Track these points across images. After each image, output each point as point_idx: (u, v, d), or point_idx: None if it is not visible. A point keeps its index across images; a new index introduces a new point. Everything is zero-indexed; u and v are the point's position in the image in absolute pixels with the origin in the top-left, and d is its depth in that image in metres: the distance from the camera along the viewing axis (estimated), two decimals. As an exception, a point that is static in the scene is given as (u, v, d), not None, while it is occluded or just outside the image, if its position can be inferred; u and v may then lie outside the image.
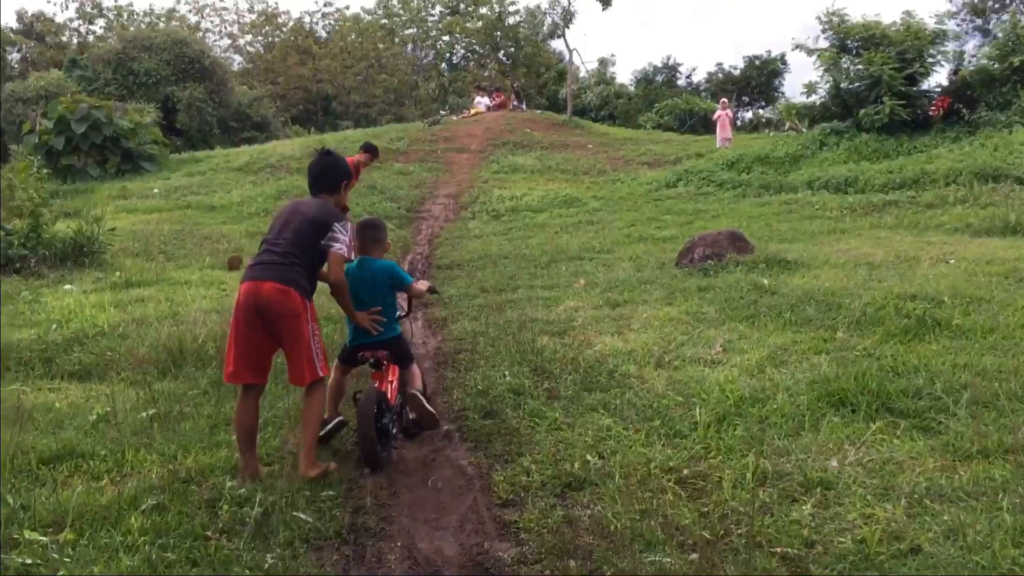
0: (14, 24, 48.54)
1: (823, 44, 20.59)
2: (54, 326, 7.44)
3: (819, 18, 20.19)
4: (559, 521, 3.76)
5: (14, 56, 47.08)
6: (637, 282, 9.04)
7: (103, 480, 4.27)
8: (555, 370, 5.98)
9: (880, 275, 8.43)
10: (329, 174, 4.78)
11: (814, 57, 20.52)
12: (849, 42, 20.24)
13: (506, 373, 5.91)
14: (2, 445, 4.43)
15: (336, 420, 4.90)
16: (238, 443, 4.44)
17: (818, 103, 20.88)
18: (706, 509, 3.77)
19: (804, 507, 3.70)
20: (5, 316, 8.06)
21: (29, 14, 48.88)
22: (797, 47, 20.55)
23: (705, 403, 5.03)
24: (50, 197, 19.80)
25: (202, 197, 18.07)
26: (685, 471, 4.15)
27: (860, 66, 19.51)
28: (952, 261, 8.96)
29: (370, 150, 11.75)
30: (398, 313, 5.16)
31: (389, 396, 4.89)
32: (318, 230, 4.45)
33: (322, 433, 4.71)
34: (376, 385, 4.90)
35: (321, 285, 4.70)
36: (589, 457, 4.41)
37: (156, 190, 19.39)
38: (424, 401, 4.87)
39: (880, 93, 18.53)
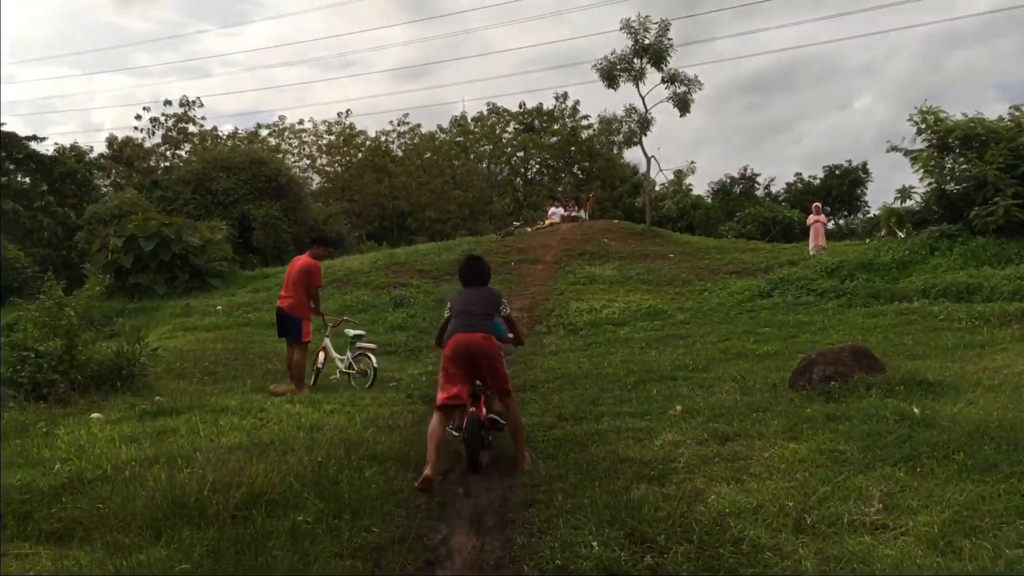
0: (104, 150, 50.53)
1: (919, 145, 19.14)
2: (56, 466, 6.28)
3: (912, 118, 18.79)
4: None
5: (103, 181, 48.80)
6: (746, 408, 7.51)
7: None
8: (658, 536, 4.50)
9: (1057, 401, 6.75)
10: (487, 272, 7.25)
11: (909, 160, 19.05)
12: (950, 140, 18.76)
13: (593, 543, 4.43)
14: None
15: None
16: (431, 450, 6.03)
17: (920, 206, 19.29)
18: None
19: None
20: (9, 453, 6.96)
21: (119, 139, 50.86)
22: (893, 149, 19.09)
23: (887, 601, 3.47)
24: (115, 316, 19.47)
25: (263, 314, 17.21)
26: None
27: (965, 165, 17.98)
28: None
29: (324, 242, 11.28)
30: None
31: (483, 419, 6.70)
32: (497, 305, 6.95)
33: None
34: (473, 411, 6.59)
35: None
36: None
37: (219, 307, 18.73)
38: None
39: (989, 194, 16.91)
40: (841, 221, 51.07)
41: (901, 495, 4.86)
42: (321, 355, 11.26)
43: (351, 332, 11.51)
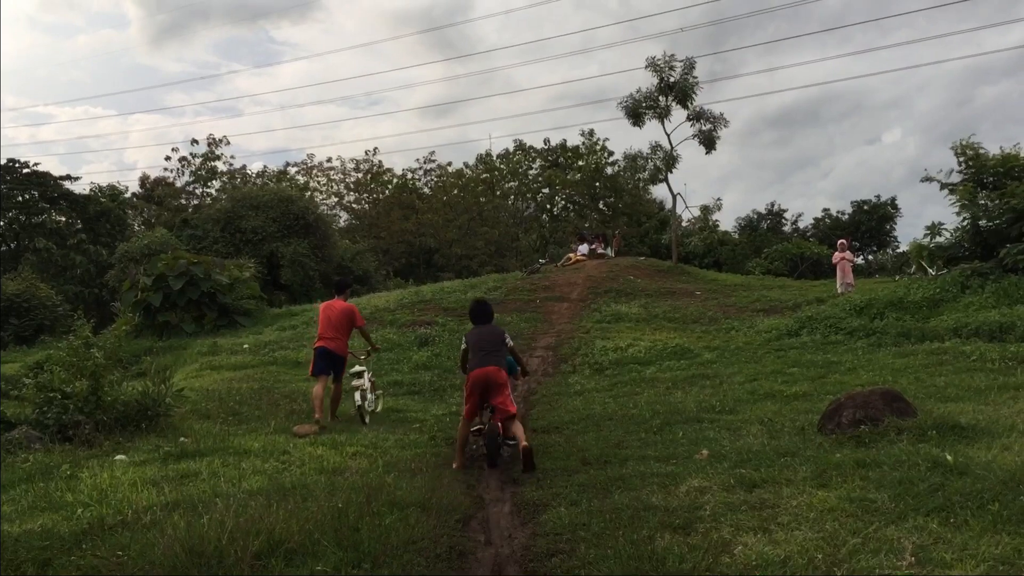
0: (138, 189, 51.41)
1: (955, 179, 19.01)
2: (78, 511, 6.28)
3: (954, 149, 18.64)
4: None
5: (136, 220, 49.61)
6: (774, 453, 7.36)
7: None
8: (684, 590, 4.38)
9: (1095, 447, 6.55)
10: (490, 311, 9.30)
11: (943, 195, 18.90)
12: (985, 177, 18.57)
13: (616, 597, 4.34)
14: None
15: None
16: (460, 446, 8.62)
17: (952, 242, 19.06)
18: None
19: None
20: (33, 497, 6.97)
21: (152, 178, 51.70)
22: (928, 179, 18.97)
23: (921, 665, 3.34)
24: (143, 354, 19.62)
25: (289, 352, 17.28)
26: None
27: (999, 201, 17.75)
28: None
29: (349, 285, 12.99)
30: None
31: (501, 430, 8.57)
32: (503, 339, 8.88)
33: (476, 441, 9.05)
34: (493, 423, 8.60)
35: None
36: None
37: (246, 345, 18.82)
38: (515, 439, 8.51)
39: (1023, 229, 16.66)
40: (870, 256, 50.67)
41: (934, 548, 4.71)
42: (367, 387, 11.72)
43: (355, 368, 11.87)
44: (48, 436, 9.32)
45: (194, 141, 51.90)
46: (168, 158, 52.03)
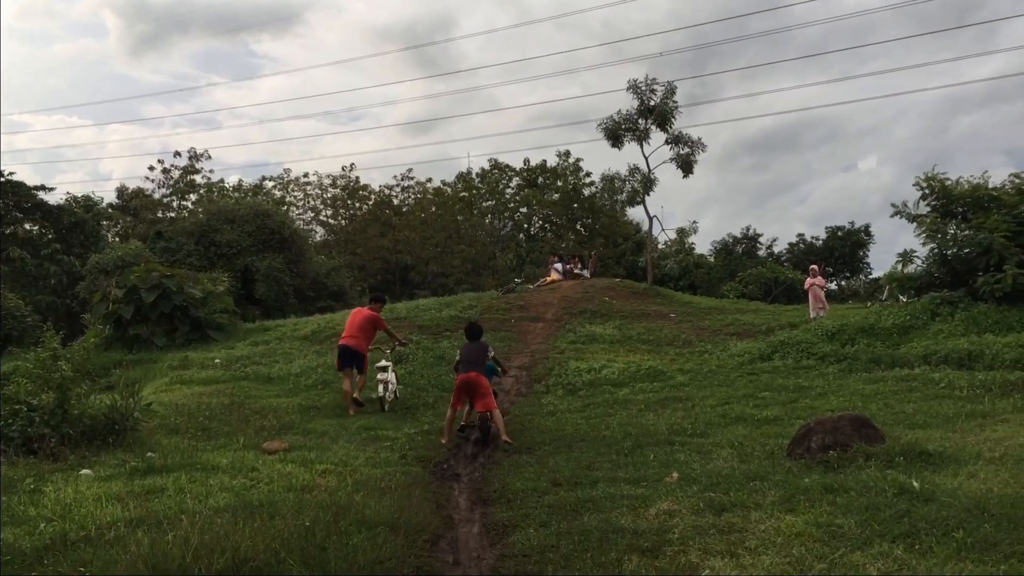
0: (114, 200, 50.97)
1: (923, 210, 19.25)
2: (41, 526, 6.17)
3: (918, 184, 18.89)
4: None
5: (111, 231, 49.14)
6: (744, 477, 7.40)
7: None
8: (650, 613, 4.38)
9: (1059, 476, 6.63)
10: (480, 331, 12.00)
11: (914, 225, 19.13)
12: (953, 207, 18.84)
13: (583, 620, 4.32)
14: None
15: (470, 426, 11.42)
16: (448, 427, 11.11)
17: (923, 271, 19.29)
18: None
19: None
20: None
21: (129, 190, 51.26)
22: (897, 213, 19.20)
23: None
24: (113, 367, 19.39)
25: (261, 367, 17.14)
26: None
27: (968, 232, 18.01)
28: None
29: (382, 300, 14.87)
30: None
31: (488, 416, 10.90)
32: (486, 351, 11.51)
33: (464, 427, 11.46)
34: (482, 411, 10.92)
35: None
36: None
37: (218, 360, 18.62)
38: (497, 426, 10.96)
39: (992, 260, 16.89)
40: (843, 282, 51.19)
41: (899, 574, 4.75)
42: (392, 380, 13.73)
43: (381, 363, 13.81)
44: (12, 449, 9.14)
45: (177, 153, 51.65)
46: (152, 168, 51.70)
